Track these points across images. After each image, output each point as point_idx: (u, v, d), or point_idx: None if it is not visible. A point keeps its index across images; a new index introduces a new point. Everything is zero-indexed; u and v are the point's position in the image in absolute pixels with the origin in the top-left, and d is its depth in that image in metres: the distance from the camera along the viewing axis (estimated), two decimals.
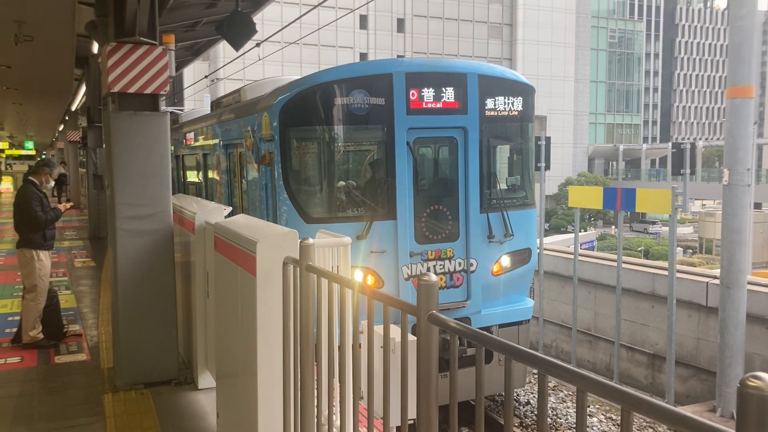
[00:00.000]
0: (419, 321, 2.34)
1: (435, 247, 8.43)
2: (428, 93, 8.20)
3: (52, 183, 7.79)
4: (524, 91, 8.98)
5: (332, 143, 8.24)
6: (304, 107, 8.12)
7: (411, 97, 8.12)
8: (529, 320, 9.25)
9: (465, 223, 8.56)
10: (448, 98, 8.32)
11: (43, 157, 41.65)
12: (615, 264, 13.85)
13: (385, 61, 8.55)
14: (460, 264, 8.56)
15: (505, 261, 8.85)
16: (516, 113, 8.86)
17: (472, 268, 8.60)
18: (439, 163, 9.21)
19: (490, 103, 8.60)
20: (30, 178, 7.45)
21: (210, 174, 12.15)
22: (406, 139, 8.16)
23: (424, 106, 8.21)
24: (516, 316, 9.02)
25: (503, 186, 9.26)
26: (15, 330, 7.44)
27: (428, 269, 8.32)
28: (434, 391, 2.35)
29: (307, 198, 8.30)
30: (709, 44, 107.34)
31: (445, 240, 8.51)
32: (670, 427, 1.42)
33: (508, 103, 8.75)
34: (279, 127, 8.10)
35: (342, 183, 8.52)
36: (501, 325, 8.82)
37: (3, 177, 31.38)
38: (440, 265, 8.44)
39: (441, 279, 8.42)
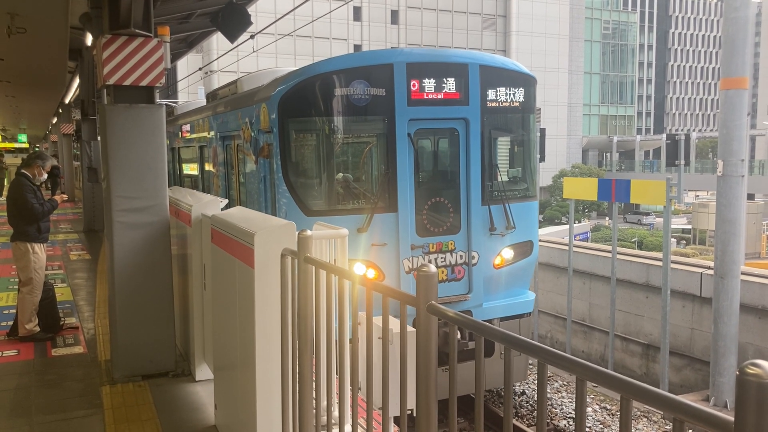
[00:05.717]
0: (418, 312, 2.34)
1: (436, 240, 8.35)
2: (429, 84, 8.10)
3: (45, 176, 7.76)
4: (526, 81, 8.89)
5: (332, 135, 8.15)
6: (303, 98, 8.01)
7: (412, 87, 8.02)
8: (530, 313, 9.22)
9: (466, 215, 8.48)
10: (450, 89, 8.22)
11: (36, 149, 41.45)
12: (609, 255, 13.91)
13: (386, 51, 8.39)
14: (461, 257, 8.48)
15: (507, 254, 8.78)
16: (518, 104, 8.78)
17: (474, 261, 8.54)
18: (440, 154, 9.11)
19: (491, 93, 8.50)
20: (23, 170, 7.42)
21: (206, 166, 12.08)
22: (407, 130, 8.07)
23: (425, 96, 8.10)
24: (518, 309, 8.97)
25: (505, 178, 9.17)
26: (11, 323, 7.43)
27: (429, 262, 8.27)
28: (433, 381, 2.36)
29: (306, 190, 8.20)
30: (703, 35, 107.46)
31: (447, 233, 8.43)
32: (669, 414, 1.43)
33: (510, 93, 8.66)
34: (278, 119, 7.98)
35: (342, 175, 8.47)
36: (503, 318, 8.78)
37: None
38: (442, 257, 8.38)
39: (442, 272, 8.36)
